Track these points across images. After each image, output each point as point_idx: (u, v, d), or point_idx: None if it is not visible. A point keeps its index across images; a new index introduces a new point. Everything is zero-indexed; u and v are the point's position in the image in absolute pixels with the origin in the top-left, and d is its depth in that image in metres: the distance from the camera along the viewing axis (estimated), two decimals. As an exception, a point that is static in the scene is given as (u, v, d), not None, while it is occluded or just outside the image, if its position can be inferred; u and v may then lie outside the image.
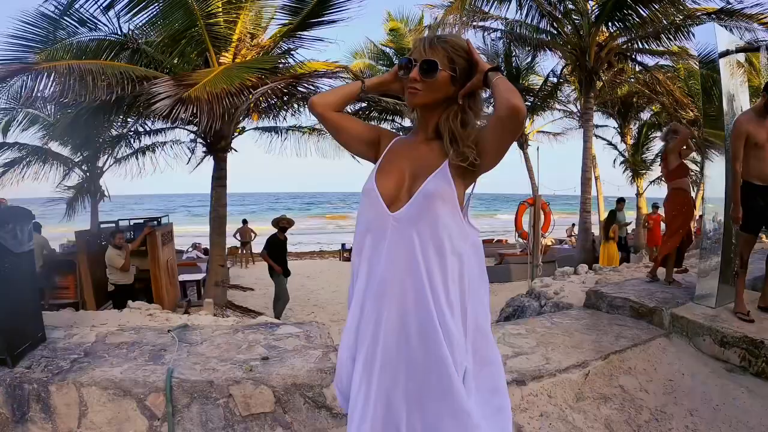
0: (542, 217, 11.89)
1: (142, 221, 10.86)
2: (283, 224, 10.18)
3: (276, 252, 10.07)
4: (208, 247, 13.30)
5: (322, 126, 1.92)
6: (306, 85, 10.42)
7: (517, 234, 13.19)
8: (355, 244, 1.72)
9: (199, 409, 2.85)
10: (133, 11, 9.41)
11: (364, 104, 15.75)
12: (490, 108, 1.62)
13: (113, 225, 10.58)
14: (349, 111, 15.50)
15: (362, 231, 1.69)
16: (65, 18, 9.44)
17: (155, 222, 10.64)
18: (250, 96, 8.97)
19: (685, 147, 6.00)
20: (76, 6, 9.25)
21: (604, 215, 15.08)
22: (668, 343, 4.16)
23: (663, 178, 6.42)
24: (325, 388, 2.90)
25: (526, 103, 19.62)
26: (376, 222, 1.63)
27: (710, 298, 4.60)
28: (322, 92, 1.91)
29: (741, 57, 5.03)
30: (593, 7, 13.22)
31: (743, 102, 4.91)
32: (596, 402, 3.34)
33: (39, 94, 9.31)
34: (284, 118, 14.03)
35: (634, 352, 3.89)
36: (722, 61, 4.64)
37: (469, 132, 1.61)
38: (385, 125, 19.46)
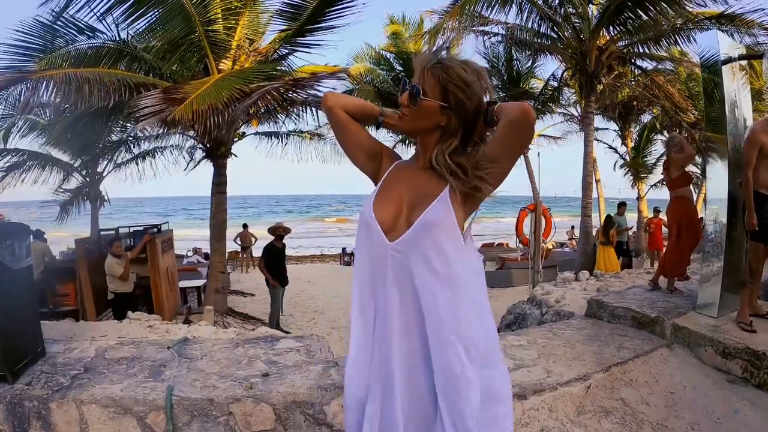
0: (543, 222, 11.88)
1: (142, 228, 10.86)
2: (279, 232, 10.13)
3: (273, 261, 10.01)
4: (209, 251, 13.30)
5: (328, 122, 1.88)
6: (305, 88, 10.40)
7: (518, 240, 13.16)
8: (355, 272, 1.70)
9: (199, 427, 2.84)
10: (131, 18, 9.40)
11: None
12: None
13: (113, 232, 10.58)
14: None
15: (362, 261, 1.67)
16: (61, 25, 9.45)
17: (155, 229, 10.63)
18: (247, 100, 8.89)
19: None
20: (73, 12, 9.25)
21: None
22: (670, 354, 4.15)
23: (664, 182, 6.42)
24: (326, 405, 2.89)
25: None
26: (375, 252, 1.61)
27: (712, 307, 4.59)
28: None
29: (743, 61, 5.03)
30: (594, 12, 13.22)
31: (745, 107, 4.90)
32: (597, 415, 3.33)
33: (38, 101, 9.33)
34: (283, 123, 14.05)
35: (636, 364, 3.88)
36: (725, 68, 4.64)
37: (471, 158, 1.57)
38: (383, 131, 19.42)
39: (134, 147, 16.54)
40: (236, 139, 12.19)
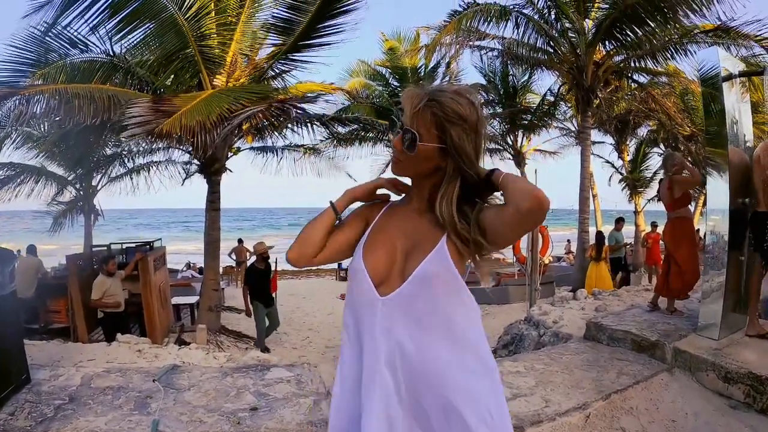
0: (540, 240, 11.74)
1: (134, 246, 10.74)
2: (262, 254, 9.91)
3: (256, 282, 9.84)
4: (202, 266, 13.14)
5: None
6: (294, 108, 10.33)
7: (515, 258, 13.03)
8: (344, 323, 1.58)
9: (184, 464, 2.74)
10: (123, 32, 9.37)
11: (355, 126, 15.68)
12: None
13: (105, 248, 10.46)
14: (342, 131, 15.49)
15: (350, 314, 1.55)
16: (53, 38, 9.41)
17: (147, 246, 10.51)
18: (233, 120, 8.76)
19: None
20: (64, 24, 9.21)
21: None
22: (671, 379, 4.06)
23: (659, 199, 6.33)
24: (317, 441, 2.79)
25: (523, 121, 19.62)
26: (365, 306, 1.49)
27: (713, 329, 4.49)
28: (292, 245, 1.65)
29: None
30: (590, 26, 13.23)
31: (745, 121, 4.86)
32: (598, 447, 3.23)
33: (31, 115, 9.27)
34: (276, 138, 13.98)
35: (636, 390, 3.79)
36: (725, 85, 4.59)
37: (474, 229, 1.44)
38: (380, 145, 19.39)
39: (128, 161, 16.51)
40: (231, 154, 12.09)
